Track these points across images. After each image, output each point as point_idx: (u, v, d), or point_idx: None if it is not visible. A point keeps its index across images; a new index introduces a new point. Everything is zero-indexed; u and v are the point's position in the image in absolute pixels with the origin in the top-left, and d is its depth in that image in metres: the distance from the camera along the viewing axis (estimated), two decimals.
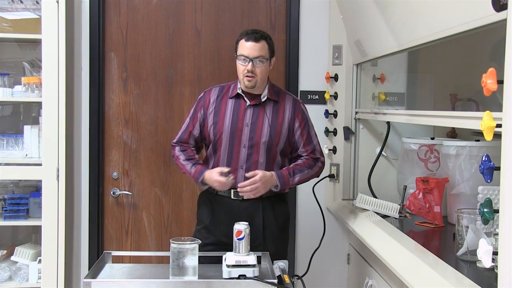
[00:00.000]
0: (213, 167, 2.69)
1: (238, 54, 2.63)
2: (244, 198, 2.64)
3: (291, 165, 2.73)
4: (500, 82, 1.41)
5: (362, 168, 3.38)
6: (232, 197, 2.68)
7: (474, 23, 1.72)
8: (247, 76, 2.60)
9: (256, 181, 2.57)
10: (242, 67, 2.62)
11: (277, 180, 2.63)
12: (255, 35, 2.61)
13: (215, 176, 2.58)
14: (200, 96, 2.80)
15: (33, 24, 3.13)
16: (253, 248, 2.32)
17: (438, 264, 2.06)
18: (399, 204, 2.89)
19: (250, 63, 2.59)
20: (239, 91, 2.69)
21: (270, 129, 2.66)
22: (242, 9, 3.54)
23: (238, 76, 2.67)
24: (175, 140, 2.80)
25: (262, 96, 2.69)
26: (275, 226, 2.74)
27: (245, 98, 2.69)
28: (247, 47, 2.59)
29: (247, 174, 2.60)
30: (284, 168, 2.70)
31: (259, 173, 2.58)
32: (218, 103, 2.72)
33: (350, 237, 3.44)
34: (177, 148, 2.77)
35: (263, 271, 2.26)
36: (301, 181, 2.73)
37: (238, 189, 2.60)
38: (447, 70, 3.30)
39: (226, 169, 2.59)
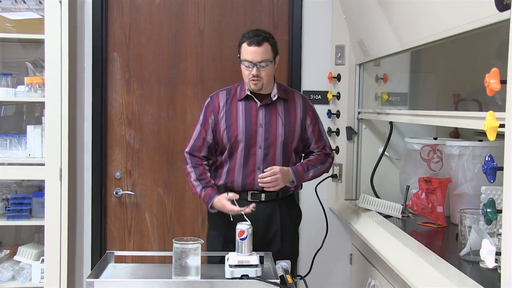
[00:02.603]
0: (228, 170, 2.67)
1: (241, 59, 2.60)
2: (264, 189, 2.61)
3: (304, 161, 2.75)
4: (503, 82, 1.41)
5: (364, 168, 3.38)
6: (249, 199, 2.66)
7: (477, 23, 1.71)
8: (252, 80, 2.58)
9: (276, 173, 2.56)
10: (247, 72, 2.59)
11: (293, 176, 2.63)
12: (257, 39, 2.55)
13: (227, 205, 2.50)
14: (207, 102, 2.75)
15: (36, 24, 3.13)
16: (271, 251, 2.46)
17: (441, 264, 2.05)
18: (402, 204, 2.89)
19: (255, 67, 2.55)
20: (248, 93, 2.66)
21: (285, 128, 2.65)
22: (245, 9, 3.54)
23: (243, 79, 2.65)
24: (188, 149, 2.72)
25: (272, 95, 2.67)
26: (291, 226, 2.78)
27: (255, 99, 2.66)
28: (250, 53, 2.55)
29: (265, 170, 2.58)
30: (298, 164, 2.71)
31: (277, 167, 2.58)
32: (228, 106, 2.68)
33: (352, 237, 3.43)
34: (189, 164, 2.69)
35: (265, 271, 2.27)
36: (314, 177, 2.75)
37: (259, 180, 2.57)
38: (450, 70, 3.30)
39: (236, 196, 2.51)
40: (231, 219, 2.44)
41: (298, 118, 2.70)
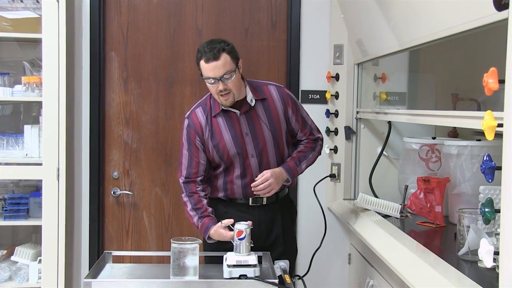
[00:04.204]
0: (226, 183, 2.61)
1: (204, 77, 2.48)
2: (260, 196, 2.57)
3: (295, 154, 2.68)
4: (502, 81, 1.41)
5: (363, 167, 3.37)
6: (250, 204, 2.62)
7: (475, 23, 1.71)
8: (222, 95, 2.47)
9: (268, 178, 2.52)
10: (213, 88, 2.48)
11: (286, 174, 2.59)
12: (213, 53, 2.40)
13: (225, 234, 2.37)
14: (187, 124, 2.63)
15: (33, 24, 3.12)
16: (274, 253, 2.45)
17: (439, 264, 2.05)
18: (400, 204, 2.88)
19: (220, 82, 2.44)
20: (223, 107, 2.56)
21: (271, 132, 2.59)
22: (243, 8, 3.53)
23: (213, 95, 2.55)
24: (182, 179, 2.62)
25: (249, 100, 2.56)
26: (291, 226, 2.77)
27: (233, 109, 2.56)
28: (210, 69, 2.42)
29: (256, 179, 2.53)
30: (289, 159, 2.65)
31: (268, 172, 2.54)
32: (210, 124, 2.58)
33: (351, 237, 3.43)
34: (184, 193, 2.61)
35: (264, 271, 2.26)
36: (308, 166, 2.71)
37: (252, 189, 2.53)
38: (448, 70, 3.30)
39: (231, 221, 2.38)
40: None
41: (280, 113, 2.61)
